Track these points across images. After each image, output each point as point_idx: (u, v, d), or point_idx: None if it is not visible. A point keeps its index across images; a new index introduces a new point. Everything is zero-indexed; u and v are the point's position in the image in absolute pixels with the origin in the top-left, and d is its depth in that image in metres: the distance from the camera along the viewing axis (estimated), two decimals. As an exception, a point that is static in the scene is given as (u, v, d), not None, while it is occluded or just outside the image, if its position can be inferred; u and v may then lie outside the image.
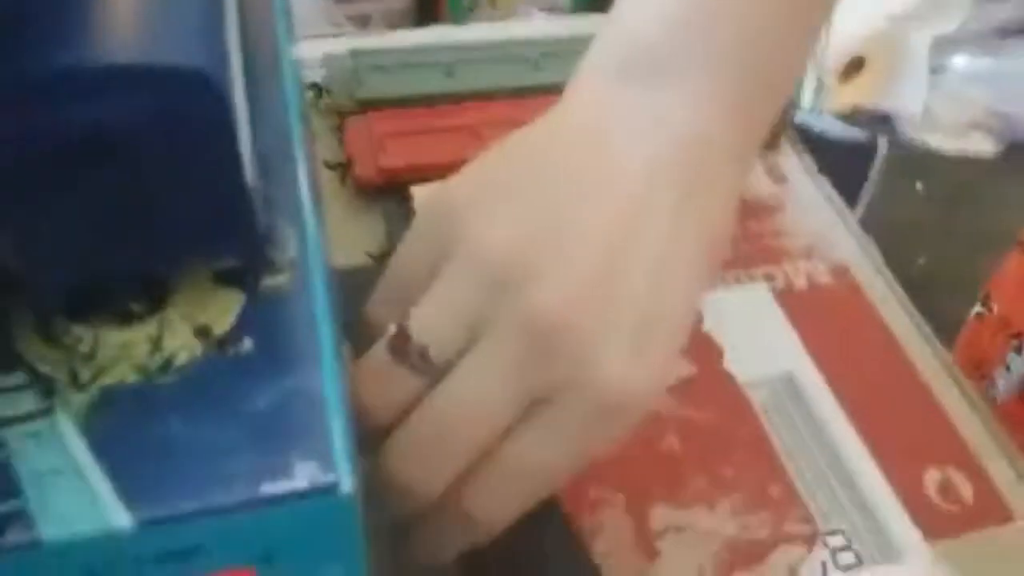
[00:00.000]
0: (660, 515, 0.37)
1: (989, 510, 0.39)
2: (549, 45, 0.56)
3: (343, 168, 0.48)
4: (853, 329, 0.46)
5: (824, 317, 0.46)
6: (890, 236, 1.25)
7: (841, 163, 0.97)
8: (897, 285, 0.48)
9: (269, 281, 0.21)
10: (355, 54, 0.52)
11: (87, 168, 0.17)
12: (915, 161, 1.40)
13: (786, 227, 0.50)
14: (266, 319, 0.20)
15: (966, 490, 0.40)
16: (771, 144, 0.55)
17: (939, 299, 1.28)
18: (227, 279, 0.20)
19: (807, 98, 1.06)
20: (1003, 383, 0.90)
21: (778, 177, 0.53)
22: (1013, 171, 1.43)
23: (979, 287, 1.15)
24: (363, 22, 1.11)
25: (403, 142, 0.48)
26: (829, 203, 0.52)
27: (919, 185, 1.36)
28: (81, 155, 0.17)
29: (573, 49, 0.58)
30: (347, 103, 0.50)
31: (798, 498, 0.38)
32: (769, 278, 0.47)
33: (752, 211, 0.51)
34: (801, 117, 0.95)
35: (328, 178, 0.48)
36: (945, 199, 1.36)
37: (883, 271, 0.49)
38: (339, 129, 0.50)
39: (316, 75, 0.52)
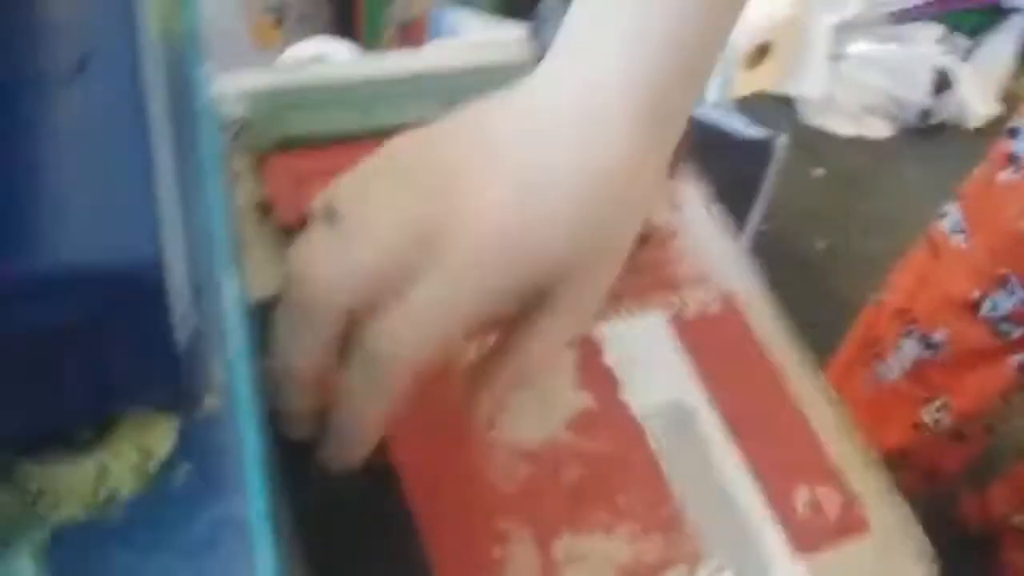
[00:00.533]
0: (563, 545, 0.41)
1: (852, 522, 0.45)
2: (463, 78, 0.59)
3: (264, 208, 0.50)
4: (739, 356, 0.50)
5: (713, 345, 0.50)
6: (792, 222, 1.33)
7: (743, 158, 1.02)
8: (780, 311, 0.53)
9: (203, 406, 0.23)
10: (274, 92, 0.53)
11: (31, 344, 0.19)
12: (815, 147, 1.47)
13: (680, 255, 0.54)
14: (200, 444, 0.23)
15: (832, 505, 0.45)
16: (672, 172, 0.59)
17: (839, 281, 1.36)
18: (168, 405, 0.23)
19: (713, 92, 1.11)
20: (895, 363, 0.98)
21: (674, 205, 0.57)
22: (907, 154, 1.51)
23: (876, 269, 1.22)
24: (280, 14, 1.10)
25: (324, 183, 0.50)
26: (721, 231, 0.56)
27: (819, 171, 1.43)
28: (25, 337, 0.19)
29: (488, 80, 0.60)
30: (268, 141, 0.52)
31: (684, 521, 0.43)
32: (664, 308, 0.52)
33: (649, 240, 0.54)
34: (706, 114, 0.99)
35: (250, 219, 0.50)
36: (843, 184, 1.44)
37: (768, 298, 0.53)
38: (260, 167, 0.51)
39: (236, 111, 0.53)
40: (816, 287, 1.27)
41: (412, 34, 1.26)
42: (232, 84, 0.54)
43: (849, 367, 1.04)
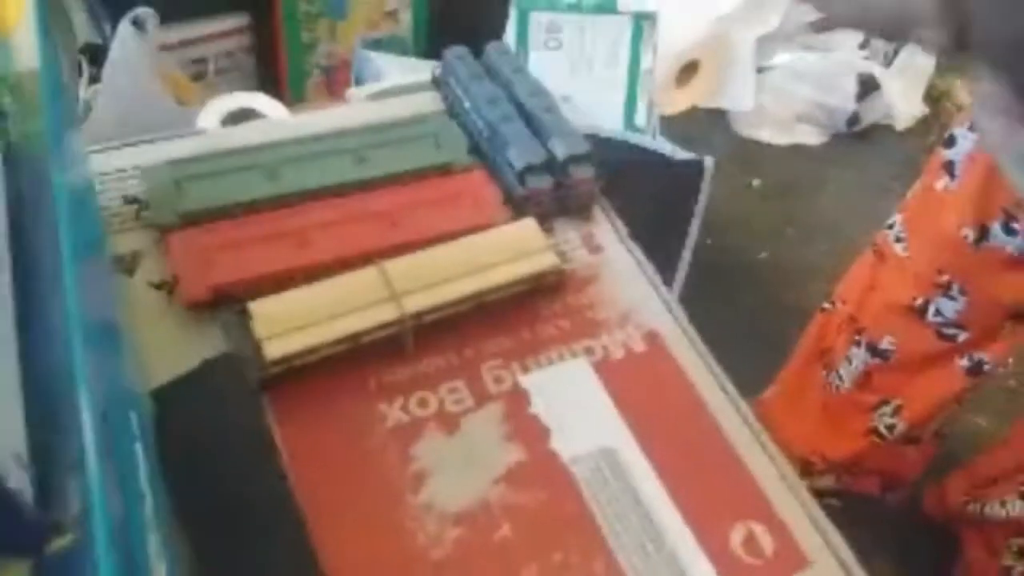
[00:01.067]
0: (494, 611, 0.40)
1: (788, 559, 0.44)
2: (372, 134, 0.58)
3: (168, 286, 0.49)
4: (665, 395, 0.50)
5: (639, 385, 0.50)
6: (733, 234, 1.33)
7: (676, 180, 1.03)
8: (703, 346, 0.52)
9: (54, 544, 0.22)
10: (174, 164, 0.52)
11: None
12: (750, 158, 1.48)
13: (603, 297, 0.54)
14: (59, 578, 0.22)
15: (767, 542, 0.44)
16: (585, 214, 0.59)
17: (784, 290, 1.37)
18: (13, 550, 0.22)
19: (641, 118, 1.11)
20: (845, 373, 0.98)
21: (593, 247, 0.57)
22: (840, 159, 1.53)
23: (820, 275, 1.23)
24: (200, 74, 1.09)
25: (230, 256, 0.49)
26: (641, 271, 0.56)
27: (756, 181, 1.45)
28: None
29: (397, 138, 0.60)
30: (170, 216, 0.51)
31: (618, 568, 0.42)
32: (589, 352, 0.51)
33: (571, 284, 0.54)
34: (636, 138, 1.00)
35: (154, 297, 0.48)
36: (781, 192, 1.45)
37: (690, 334, 0.53)
38: (163, 244, 0.50)
39: (135, 188, 0.52)
40: (763, 297, 1.28)
41: (336, 80, 1.26)
42: (130, 160, 0.53)
43: (801, 377, 1.05)
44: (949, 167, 0.81)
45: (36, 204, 0.31)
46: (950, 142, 0.80)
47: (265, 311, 0.46)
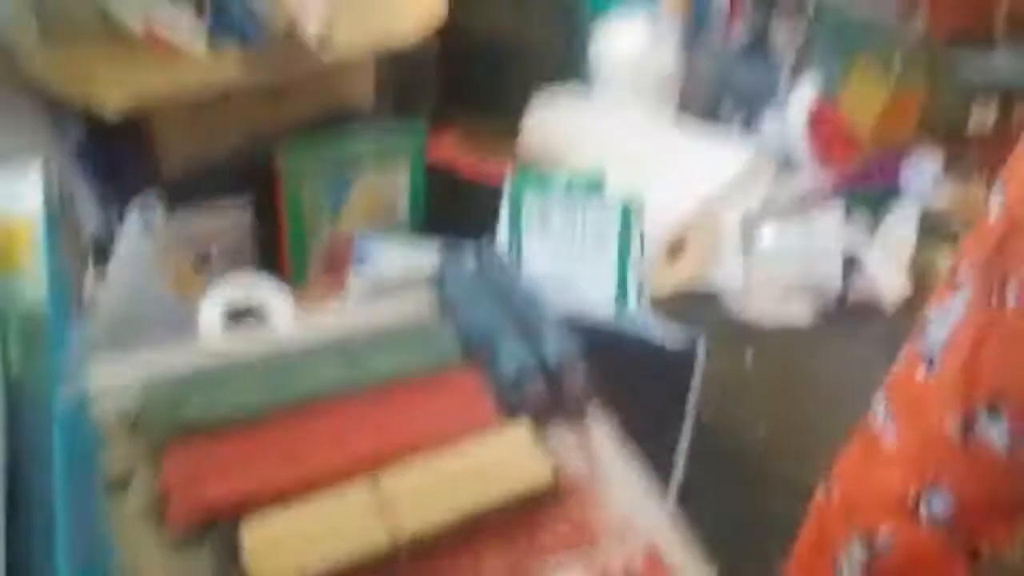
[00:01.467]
0: None
1: None
2: (368, 337, 0.59)
3: (159, 507, 0.48)
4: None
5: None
6: (729, 413, 1.33)
7: (668, 366, 1.04)
8: (703, 562, 0.51)
9: None
10: (169, 378, 0.53)
11: None
12: (742, 335, 1.50)
13: (599, 506, 0.53)
14: None
15: None
16: (579, 415, 0.59)
17: (786, 469, 1.35)
18: None
19: (631, 299, 1.14)
20: (846, 568, 0.95)
21: (589, 452, 0.56)
22: (830, 336, 1.55)
23: (817, 453, 1.22)
24: (203, 260, 1.12)
25: (221, 472, 0.49)
26: (638, 476, 0.56)
27: (749, 358, 1.46)
28: None
29: (393, 340, 0.61)
30: (165, 430, 0.51)
31: None
32: (588, 565, 0.50)
33: (567, 493, 0.53)
34: (627, 323, 1.01)
35: (145, 518, 0.47)
36: (774, 369, 1.46)
37: (690, 547, 0.52)
38: (157, 460, 0.50)
39: (129, 403, 0.52)
40: (763, 477, 1.26)
41: (336, 264, 1.29)
42: (127, 373, 0.54)
43: (807, 571, 1.01)
44: (925, 357, 0.80)
45: (35, 432, 0.31)
46: (923, 328, 0.81)
47: (256, 539, 0.45)
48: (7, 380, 0.31)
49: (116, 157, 1.13)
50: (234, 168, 1.16)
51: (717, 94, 1.73)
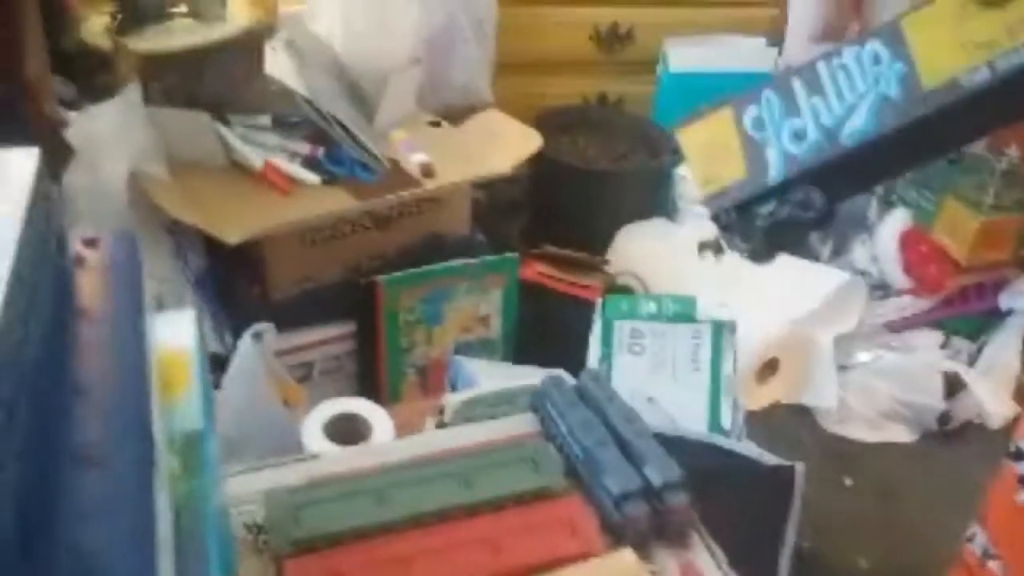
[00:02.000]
0: None
1: None
2: (475, 458, 0.61)
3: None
4: None
5: None
6: (831, 538, 1.29)
7: (768, 487, 1.02)
8: None
9: None
10: (291, 491, 0.56)
11: None
12: (841, 455, 1.46)
13: (706, 634, 0.53)
14: None
15: None
16: (682, 540, 0.59)
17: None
18: None
19: (726, 419, 1.13)
20: None
21: (693, 577, 0.56)
22: (934, 458, 1.50)
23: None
24: (306, 379, 1.17)
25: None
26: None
27: (848, 480, 1.42)
28: None
29: (498, 461, 0.62)
30: (285, 543, 0.53)
31: None
32: None
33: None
34: (724, 442, 1.01)
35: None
36: (875, 492, 1.41)
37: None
38: (277, 572, 0.52)
39: (254, 514, 0.55)
40: (865, 610, 1.21)
41: (430, 380, 1.32)
42: (249, 485, 0.57)
43: None
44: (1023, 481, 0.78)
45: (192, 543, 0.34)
46: (1018, 455, 0.78)
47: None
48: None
49: (231, 281, 1.20)
50: (339, 292, 1.23)
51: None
